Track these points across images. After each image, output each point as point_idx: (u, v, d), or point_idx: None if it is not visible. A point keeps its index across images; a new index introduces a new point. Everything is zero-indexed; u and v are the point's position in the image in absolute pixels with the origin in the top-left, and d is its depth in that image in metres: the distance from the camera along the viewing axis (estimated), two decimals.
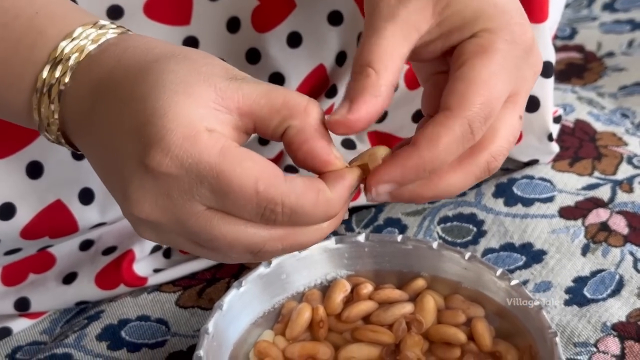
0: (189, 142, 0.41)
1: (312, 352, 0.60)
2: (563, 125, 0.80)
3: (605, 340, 0.62)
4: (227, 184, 0.41)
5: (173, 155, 0.41)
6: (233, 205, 0.42)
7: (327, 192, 0.43)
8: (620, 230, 0.70)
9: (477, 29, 0.46)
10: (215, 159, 0.41)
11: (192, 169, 0.41)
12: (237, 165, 0.41)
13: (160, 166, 0.41)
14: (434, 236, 0.71)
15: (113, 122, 0.43)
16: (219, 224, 0.43)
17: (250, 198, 0.41)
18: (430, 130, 0.44)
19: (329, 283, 0.64)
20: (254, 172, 0.41)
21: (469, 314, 0.61)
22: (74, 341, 0.65)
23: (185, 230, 0.43)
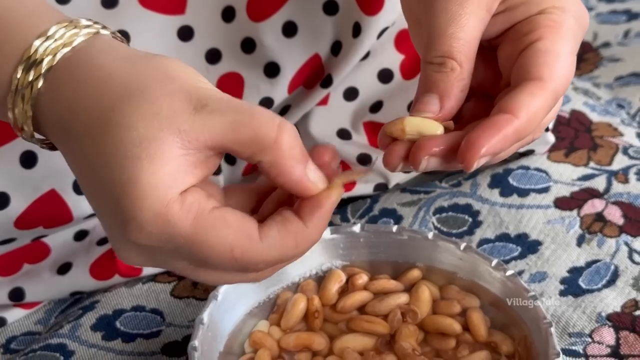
0: (161, 219, 0.41)
1: (307, 342, 0.60)
2: (559, 116, 0.79)
3: (600, 331, 0.62)
4: (203, 254, 0.41)
5: (147, 232, 0.41)
6: (214, 267, 0.43)
7: (305, 231, 0.43)
8: (615, 220, 0.70)
9: (545, 5, 0.47)
10: (189, 231, 0.41)
11: (168, 244, 0.41)
12: (211, 236, 0.41)
13: (139, 240, 0.41)
14: (429, 226, 0.71)
15: (87, 178, 0.43)
16: (204, 274, 0.44)
17: (230, 264, 0.42)
18: (523, 98, 0.44)
19: (324, 273, 0.64)
20: (228, 240, 0.41)
21: (464, 305, 0.61)
22: (68, 331, 0.65)
23: (175, 271, 0.44)
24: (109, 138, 0.41)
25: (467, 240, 0.69)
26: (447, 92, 0.45)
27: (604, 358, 0.61)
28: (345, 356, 0.58)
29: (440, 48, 0.45)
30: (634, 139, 0.78)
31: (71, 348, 0.64)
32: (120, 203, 0.41)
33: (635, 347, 0.61)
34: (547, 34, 0.46)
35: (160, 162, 0.40)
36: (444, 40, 0.45)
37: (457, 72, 0.45)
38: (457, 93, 0.45)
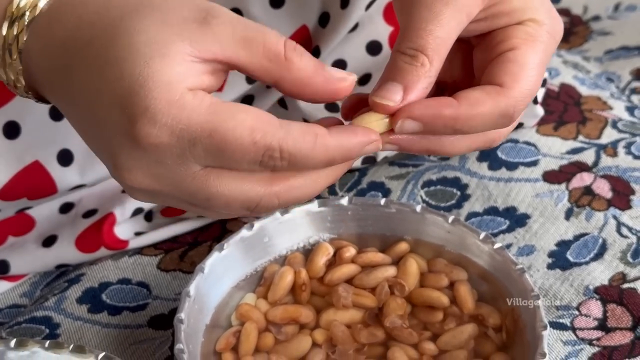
0: (176, 107, 0.40)
1: (295, 315, 0.60)
2: (548, 89, 0.79)
3: (588, 304, 0.62)
4: (222, 140, 0.40)
5: (161, 124, 0.40)
6: (230, 160, 0.41)
7: (326, 137, 0.42)
8: (604, 194, 0.70)
9: (525, 18, 0.48)
10: (206, 117, 0.40)
11: (183, 134, 0.40)
12: (230, 119, 0.40)
13: (149, 137, 0.40)
14: (417, 200, 0.71)
15: (91, 89, 0.42)
16: (215, 183, 0.42)
17: (248, 149, 0.40)
18: (477, 94, 0.45)
19: (311, 246, 0.64)
20: (248, 122, 0.40)
21: (452, 278, 0.61)
22: (54, 304, 0.65)
23: (181, 192, 0.42)
24: (120, 40, 0.41)
25: (455, 214, 0.69)
26: (412, 85, 0.45)
27: (591, 331, 0.61)
28: (332, 329, 0.58)
29: (415, 41, 0.45)
30: (623, 112, 0.78)
31: (56, 321, 0.64)
32: (130, 98, 0.40)
33: (622, 320, 0.61)
34: (520, 45, 0.47)
35: (172, 61, 0.40)
36: (421, 35, 0.45)
37: (426, 68, 0.45)
38: (421, 88, 0.45)
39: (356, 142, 0.43)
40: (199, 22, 0.41)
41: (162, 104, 0.40)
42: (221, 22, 0.41)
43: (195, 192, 0.42)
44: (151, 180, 0.42)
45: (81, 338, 0.62)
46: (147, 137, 0.40)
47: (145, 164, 0.41)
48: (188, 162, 0.41)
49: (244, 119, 0.40)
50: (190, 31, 0.41)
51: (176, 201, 0.44)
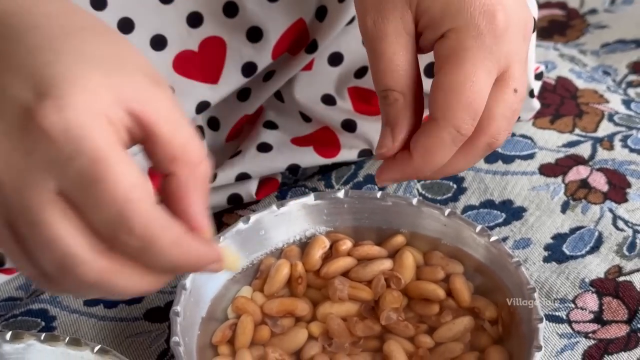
0: (89, 115, 0.37)
1: (291, 308, 0.59)
2: (545, 82, 0.79)
3: (584, 297, 0.62)
4: (102, 173, 0.37)
5: (64, 117, 0.36)
6: (89, 199, 0.37)
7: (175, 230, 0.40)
8: (600, 187, 0.70)
9: (444, 29, 0.48)
10: (105, 146, 0.37)
11: (74, 141, 0.37)
12: (123, 165, 0.37)
13: (44, 120, 0.36)
14: (413, 193, 0.71)
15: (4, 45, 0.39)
16: (53, 214, 0.37)
17: (114, 202, 0.37)
18: (422, 141, 0.48)
19: (307, 239, 0.64)
20: (132, 179, 0.37)
21: (448, 271, 0.61)
22: (49, 297, 0.64)
23: (17, 201, 0.37)
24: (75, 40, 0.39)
25: (451, 207, 0.69)
26: (395, 123, 0.49)
27: (587, 324, 0.61)
28: (328, 322, 0.58)
29: (380, 83, 0.49)
30: (620, 105, 0.78)
31: (52, 313, 0.64)
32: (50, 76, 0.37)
33: (618, 313, 0.61)
34: (444, 66, 0.48)
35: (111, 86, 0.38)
36: (380, 76, 0.49)
37: (400, 102, 0.48)
38: (405, 123, 0.49)
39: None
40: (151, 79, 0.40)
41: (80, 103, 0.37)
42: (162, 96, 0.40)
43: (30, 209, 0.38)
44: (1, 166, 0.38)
45: (77, 331, 0.62)
46: (43, 118, 0.37)
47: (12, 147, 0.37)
48: (49, 173, 0.37)
49: (131, 174, 0.37)
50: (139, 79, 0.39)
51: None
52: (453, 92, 0.47)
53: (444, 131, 0.47)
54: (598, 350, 0.59)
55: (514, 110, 0.49)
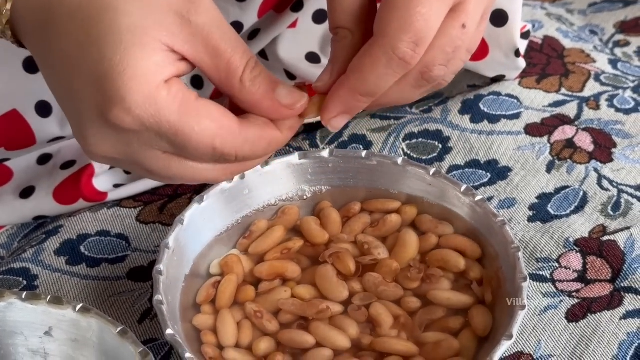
0: (150, 102, 0.42)
1: (281, 270, 0.59)
2: (531, 42, 0.79)
3: (568, 256, 0.63)
4: (186, 140, 0.44)
5: (135, 114, 0.43)
6: (190, 155, 0.45)
7: (279, 139, 0.47)
8: (585, 147, 0.70)
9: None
10: (175, 117, 0.43)
11: (152, 127, 0.43)
12: (196, 124, 0.43)
13: (123, 123, 0.43)
14: (399, 153, 0.70)
15: (70, 61, 0.44)
16: (175, 165, 0.46)
17: (207, 152, 0.44)
18: (358, 59, 0.46)
19: (291, 199, 0.63)
20: (211, 130, 0.44)
21: (438, 233, 0.61)
22: (31, 256, 0.64)
23: (142, 167, 0.46)
24: (105, 17, 0.43)
25: (437, 167, 0.69)
26: (337, 60, 0.47)
27: (570, 283, 0.61)
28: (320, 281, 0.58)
29: (331, 21, 0.48)
30: (606, 65, 0.78)
31: (34, 272, 0.63)
32: (108, 83, 0.42)
33: (601, 272, 0.61)
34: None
35: (151, 51, 0.43)
36: (332, 14, 0.48)
37: (348, 40, 0.47)
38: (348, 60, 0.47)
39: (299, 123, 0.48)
40: (180, 16, 0.43)
41: (137, 97, 0.42)
42: (200, 22, 0.44)
43: (156, 171, 0.46)
44: (115, 154, 0.45)
45: (59, 290, 0.62)
46: (121, 122, 0.43)
47: (113, 141, 0.44)
48: (152, 148, 0.45)
49: (208, 127, 0.44)
50: (170, 23, 0.43)
51: (138, 171, 0.47)
52: (397, 9, 0.45)
53: (379, 50, 0.45)
54: (581, 309, 0.60)
55: (457, 46, 0.46)
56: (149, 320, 0.60)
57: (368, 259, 0.59)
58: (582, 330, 0.59)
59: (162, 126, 0.43)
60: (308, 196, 0.64)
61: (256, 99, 0.45)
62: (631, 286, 0.60)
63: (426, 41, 0.45)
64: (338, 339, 0.56)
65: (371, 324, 0.57)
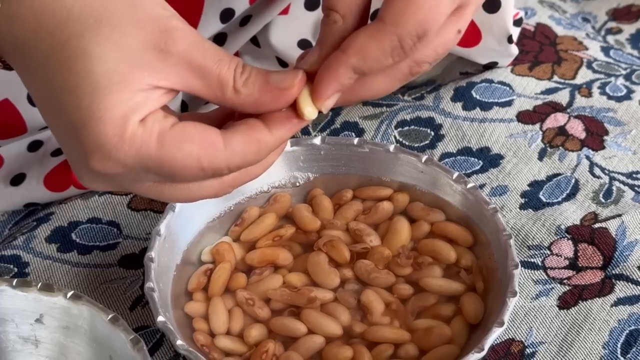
0: (127, 144, 0.42)
1: (272, 257, 0.59)
2: (524, 29, 0.78)
3: (559, 243, 0.63)
4: (172, 169, 0.43)
5: (114, 158, 0.42)
6: (182, 180, 0.44)
7: (267, 139, 0.45)
8: (577, 134, 0.70)
9: None
10: (155, 151, 0.42)
11: (135, 166, 0.43)
12: (177, 151, 0.43)
13: (105, 169, 0.43)
14: (391, 140, 0.70)
15: (50, 107, 0.43)
16: (169, 191, 0.45)
17: (197, 174, 0.43)
18: (360, 39, 0.45)
19: (284, 186, 0.63)
20: (194, 152, 0.43)
21: (430, 220, 0.61)
22: (22, 243, 0.64)
23: (139, 194, 0.46)
24: (79, 66, 0.42)
25: (429, 154, 0.69)
26: (326, 44, 0.46)
27: (562, 270, 0.61)
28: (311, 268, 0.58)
29: (325, 2, 0.47)
30: (599, 53, 0.77)
31: (25, 260, 0.63)
32: (85, 131, 0.42)
33: (593, 260, 0.62)
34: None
35: (129, 94, 0.42)
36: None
37: (339, 25, 0.46)
38: (336, 46, 0.46)
39: (293, 132, 0.46)
40: (158, 50, 0.42)
41: (115, 141, 0.42)
42: (180, 50, 0.42)
43: (153, 197, 0.46)
44: (109, 187, 0.45)
45: (50, 277, 0.62)
46: (104, 168, 0.43)
47: (104, 182, 0.45)
48: (143, 182, 0.44)
49: (190, 150, 0.43)
50: (150, 60, 0.42)
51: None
52: (414, 3, 0.44)
53: (386, 36, 0.44)
54: (573, 296, 0.60)
55: (447, 49, 0.47)
56: (140, 307, 0.60)
57: (360, 246, 0.59)
58: (573, 318, 0.59)
59: (145, 163, 0.43)
60: (300, 183, 0.64)
61: (255, 99, 0.44)
62: (622, 273, 0.61)
63: (429, 37, 0.45)
64: (330, 326, 0.56)
65: (362, 311, 0.57)
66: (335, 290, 0.58)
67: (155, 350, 0.58)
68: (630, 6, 0.84)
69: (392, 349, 0.55)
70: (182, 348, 0.52)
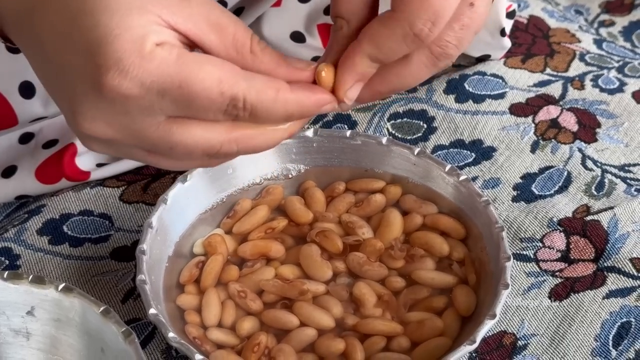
0: (147, 60, 0.41)
1: (265, 250, 0.59)
2: (517, 21, 0.78)
3: (551, 236, 0.63)
4: (191, 91, 0.42)
5: (133, 76, 0.41)
6: (197, 109, 0.42)
7: (287, 92, 0.43)
8: (570, 127, 0.70)
9: None
10: (175, 69, 0.41)
11: (153, 86, 0.41)
12: (199, 70, 0.42)
13: (120, 88, 0.41)
14: (384, 132, 0.70)
15: (59, 33, 0.42)
16: (178, 131, 0.43)
17: (215, 99, 0.42)
18: (373, 28, 0.45)
19: (276, 178, 0.63)
20: (216, 74, 0.42)
21: (422, 213, 0.61)
22: (13, 235, 0.64)
23: (142, 142, 0.44)
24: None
25: (421, 146, 0.69)
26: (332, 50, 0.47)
27: (554, 262, 0.61)
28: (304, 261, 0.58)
29: (332, 9, 0.47)
30: (591, 45, 0.78)
31: (16, 252, 0.63)
32: (102, 47, 0.41)
33: (585, 252, 0.62)
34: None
35: (149, 15, 0.41)
36: (333, 2, 0.47)
37: (344, 30, 0.46)
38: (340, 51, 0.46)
39: (314, 101, 0.45)
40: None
41: (134, 56, 0.41)
42: (199, 1, 0.43)
43: (157, 142, 0.43)
44: (113, 130, 0.43)
45: (42, 269, 0.62)
46: (118, 87, 0.41)
47: (110, 114, 0.42)
48: (154, 113, 0.42)
49: (212, 71, 0.42)
50: (171, 1, 0.42)
51: (136, 151, 0.45)
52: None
53: (396, 23, 0.45)
54: (565, 288, 0.60)
55: (464, 25, 0.46)
56: (132, 300, 0.60)
57: (352, 239, 0.59)
58: (565, 310, 0.59)
59: (163, 81, 0.41)
60: (292, 175, 0.64)
61: (272, 67, 0.44)
62: (614, 266, 0.61)
63: (443, 21, 0.45)
64: (322, 318, 0.56)
65: (355, 303, 0.57)
66: (327, 283, 0.58)
67: (147, 343, 0.58)
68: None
69: (385, 342, 0.55)
70: (174, 340, 0.52)
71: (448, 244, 0.59)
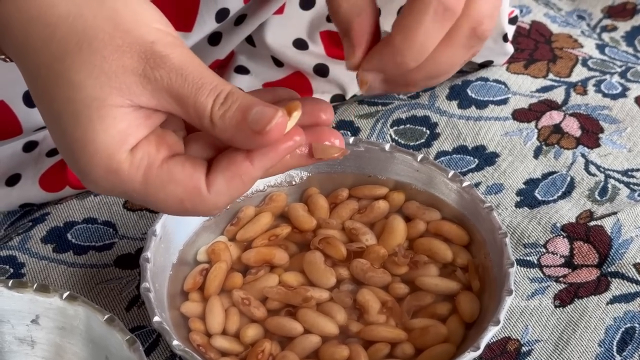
0: (113, 175, 0.43)
1: (268, 257, 0.59)
2: (519, 27, 0.79)
3: (555, 241, 0.63)
4: (155, 205, 0.44)
5: (101, 186, 0.43)
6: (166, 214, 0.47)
7: (250, 171, 0.44)
8: (573, 132, 0.70)
9: None
10: (139, 188, 0.43)
11: (120, 195, 0.44)
12: (160, 192, 0.43)
13: (96, 190, 0.44)
14: (387, 139, 0.70)
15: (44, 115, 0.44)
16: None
17: (181, 213, 0.44)
18: (403, 17, 0.45)
19: (279, 184, 0.63)
20: (177, 194, 0.43)
21: (426, 219, 0.61)
22: (18, 243, 0.64)
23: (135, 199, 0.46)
24: (60, 93, 0.42)
25: (424, 153, 0.69)
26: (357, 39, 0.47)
27: (557, 268, 0.61)
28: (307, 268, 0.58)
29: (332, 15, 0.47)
30: (594, 50, 0.78)
31: (21, 260, 0.63)
32: (74, 156, 0.42)
33: (588, 257, 0.62)
34: None
35: (112, 121, 0.42)
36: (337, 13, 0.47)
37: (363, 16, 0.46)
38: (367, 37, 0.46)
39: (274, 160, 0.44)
40: (137, 75, 0.42)
41: (100, 172, 0.42)
42: (159, 76, 0.42)
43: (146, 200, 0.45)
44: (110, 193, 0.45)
45: (46, 277, 0.62)
46: (95, 189, 0.44)
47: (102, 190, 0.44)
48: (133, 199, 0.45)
49: (173, 190, 0.43)
50: (129, 84, 0.42)
51: None
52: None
53: (424, 3, 0.44)
54: (568, 294, 0.60)
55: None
56: (136, 307, 0.60)
57: (355, 245, 0.59)
58: (569, 315, 0.59)
59: (130, 194, 0.44)
60: (296, 182, 0.64)
61: (229, 135, 0.43)
62: (618, 271, 0.61)
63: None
64: (326, 325, 0.56)
65: (358, 310, 0.57)
66: (331, 290, 0.58)
67: (152, 351, 0.58)
68: (625, 3, 0.84)
69: (389, 348, 0.55)
70: (178, 348, 0.52)
71: (451, 250, 0.59)
